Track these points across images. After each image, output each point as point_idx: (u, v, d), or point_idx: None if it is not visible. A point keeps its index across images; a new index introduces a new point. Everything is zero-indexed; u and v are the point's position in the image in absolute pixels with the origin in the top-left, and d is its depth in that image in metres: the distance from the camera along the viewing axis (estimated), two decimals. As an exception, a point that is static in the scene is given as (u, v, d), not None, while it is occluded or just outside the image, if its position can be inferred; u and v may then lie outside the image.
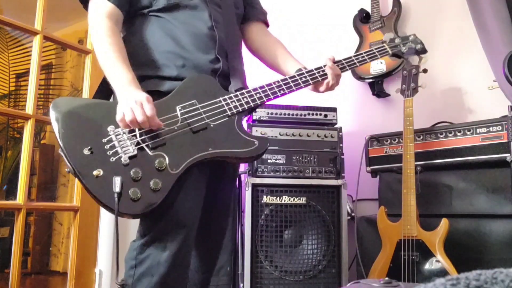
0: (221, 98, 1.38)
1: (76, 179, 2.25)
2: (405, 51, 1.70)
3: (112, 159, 1.21)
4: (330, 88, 1.52)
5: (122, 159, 1.21)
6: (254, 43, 1.71)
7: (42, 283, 3.87)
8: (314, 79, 1.50)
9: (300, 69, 1.53)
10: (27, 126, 2.07)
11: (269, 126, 2.22)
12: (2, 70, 3.88)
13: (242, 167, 2.37)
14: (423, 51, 1.74)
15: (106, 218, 2.34)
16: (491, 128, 1.90)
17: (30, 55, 2.18)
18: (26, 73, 2.72)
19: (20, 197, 2.00)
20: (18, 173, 2.04)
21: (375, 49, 1.65)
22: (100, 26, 1.35)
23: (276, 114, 2.27)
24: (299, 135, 2.23)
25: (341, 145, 2.26)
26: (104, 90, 1.42)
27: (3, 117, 3.72)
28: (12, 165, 3.75)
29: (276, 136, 2.20)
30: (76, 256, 2.22)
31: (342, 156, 2.23)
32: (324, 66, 1.52)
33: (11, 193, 3.32)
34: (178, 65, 1.39)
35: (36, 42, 2.12)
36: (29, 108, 2.08)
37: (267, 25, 1.76)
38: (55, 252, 4.00)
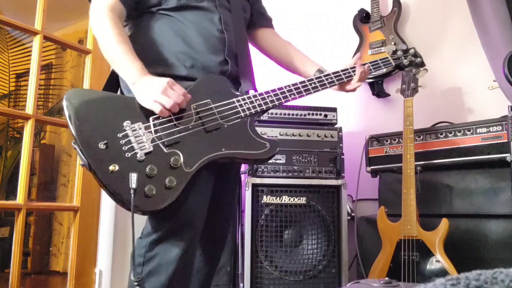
0: (234, 99, 1.39)
1: (76, 179, 2.27)
2: (406, 63, 1.83)
3: (128, 155, 1.20)
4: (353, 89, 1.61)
5: (138, 155, 1.21)
6: (267, 47, 1.74)
7: (42, 283, 3.87)
8: (325, 84, 1.55)
9: (320, 70, 1.60)
10: (27, 126, 2.07)
11: (269, 126, 2.22)
12: (2, 70, 3.88)
13: (242, 167, 2.37)
14: (422, 64, 1.86)
15: (106, 218, 2.34)
16: (491, 128, 1.90)
17: (30, 55, 2.18)
18: (26, 73, 2.73)
19: (20, 197, 2.00)
20: (18, 173, 2.04)
21: (380, 60, 1.71)
22: (103, 18, 1.33)
23: (276, 114, 2.27)
24: (299, 135, 2.23)
25: (341, 145, 2.26)
26: (114, 83, 1.42)
27: (3, 117, 3.72)
28: (12, 165, 3.75)
29: (276, 136, 2.20)
30: (76, 256, 2.22)
31: (342, 156, 2.23)
32: (350, 68, 1.60)
33: (11, 193, 3.32)
34: (187, 66, 1.39)
35: (36, 42, 2.12)
36: (29, 108, 2.08)
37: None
38: (55, 252, 4.01)
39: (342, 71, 1.57)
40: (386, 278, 1.39)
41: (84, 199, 2.25)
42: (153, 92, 1.23)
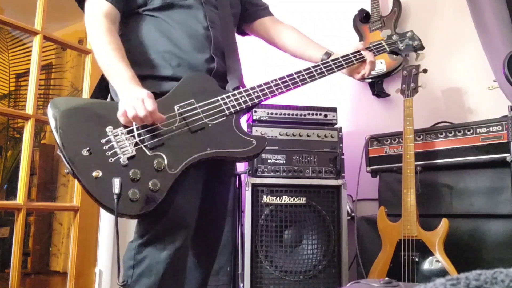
0: (219, 97, 1.38)
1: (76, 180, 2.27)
2: (402, 48, 1.69)
3: (111, 160, 1.21)
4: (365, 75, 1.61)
5: (121, 159, 1.21)
6: (270, 35, 1.72)
7: (42, 283, 3.87)
8: (314, 75, 1.51)
9: (327, 53, 1.59)
10: (27, 126, 2.07)
11: (269, 126, 2.22)
12: (2, 70, 3.87)
13: (242, 167, 2.37)
14: (421, 47, 1.73)
15: (106, 218, 2.34)
16: (491, 128, 1.90)
17: (30, 55, 2.18)
18: (26, 73, 2.72)
19: (20, 197, 2.00)
20: (18, 173, 2.04)
21: (373, 46, 1.65)
22: (98, 25, 1.35)
23: (276, 114, 2.27)
24: (299, 135, 2.23)
25: (341, 145, 2.25)
26: (103, 89, 1.42)
27: (3, 117, 3.72)
28: (12, 165, 3.75)
29: (276, 136, 2.20)
30: (76, 256, 2.22)
31: (342, 156, 2.23)
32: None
33: (11, 193, 3.32)
34: (174, 65, 1.40)
35: (36, 42, 2.12)
36: (29, 108, 2.08)
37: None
38: (55, 252, 4.01)
39: (332, 61, 1.55)
40: (386, 278, 1.39)
41: (84, 199, 2.25)
42: (126, 100, 1.23)
